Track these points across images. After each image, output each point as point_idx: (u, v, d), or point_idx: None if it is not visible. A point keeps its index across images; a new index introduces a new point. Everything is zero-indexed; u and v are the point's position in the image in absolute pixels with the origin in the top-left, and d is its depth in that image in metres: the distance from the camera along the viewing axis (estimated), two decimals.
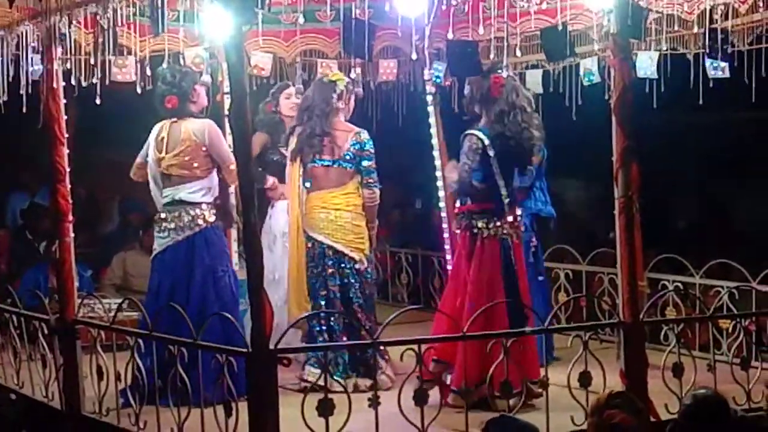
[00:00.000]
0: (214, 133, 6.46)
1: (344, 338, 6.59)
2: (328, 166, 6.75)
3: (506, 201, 6.29)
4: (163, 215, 6.52)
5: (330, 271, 6.67)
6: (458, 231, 6.48)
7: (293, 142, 6.82)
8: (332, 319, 6.62)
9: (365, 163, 6.74)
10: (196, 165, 6.46)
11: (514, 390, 5.64)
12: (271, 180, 7.46)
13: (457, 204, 6.48)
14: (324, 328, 6.63)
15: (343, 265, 6.69)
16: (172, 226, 6.46)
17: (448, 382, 6.10)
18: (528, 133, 6.32)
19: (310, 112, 6.75)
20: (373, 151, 6.77)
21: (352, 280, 6.69)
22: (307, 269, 6.74)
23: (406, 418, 5.17)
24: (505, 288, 6.22)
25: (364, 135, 6.78)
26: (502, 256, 6.27)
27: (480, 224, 6.28)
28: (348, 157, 6.73)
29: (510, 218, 6.31)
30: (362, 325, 6.26)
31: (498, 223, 6.28)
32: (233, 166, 6.24)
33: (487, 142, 6.25)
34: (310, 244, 6.74)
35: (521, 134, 6.29)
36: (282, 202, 7.34)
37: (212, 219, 6.49)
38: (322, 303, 6.65)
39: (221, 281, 6.42)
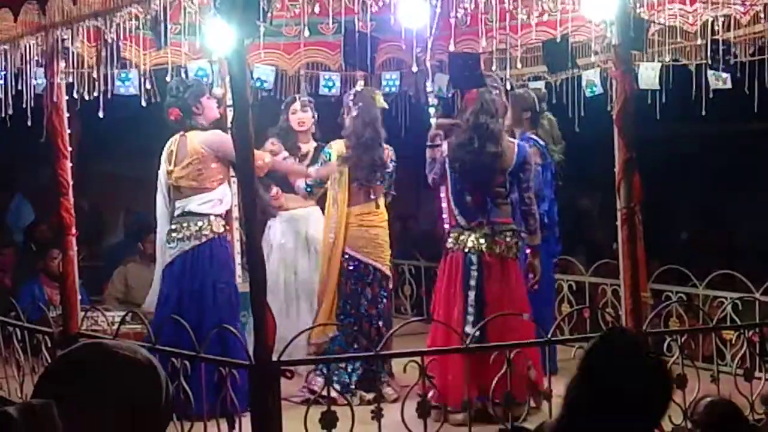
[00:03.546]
0: (217, 139, 6.44)
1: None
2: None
3: (458, 217, 6.27)
4: (173, 227, 6.53)
5: (367, 289, 6.71)
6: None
7: (345, 171, 6.80)
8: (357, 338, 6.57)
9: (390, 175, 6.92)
10: (204, 176, 6.47)
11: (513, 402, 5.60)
12: (275, 189, 7.44)
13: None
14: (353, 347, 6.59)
15: (376, 282, 6.74)
16: (180, 236, 6.47)
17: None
18: (490, 147, 6.23)
19: (371, 141, 6.75)
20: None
21: (380, 297, 6.73)
22: (338, 286, 6.73)
23: (409, 430, 5.16)
24: (463, 301, 6.14)
25: (392, 150, 6.93)
26: (464, 269, 6.19)
27: (450, 239, 6.31)
28: (387, 175, 6.87)
29: (483, 232, 6.21)
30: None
31: (462, 237, 6.25)
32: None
33: (445, 152, 6.31)
34: (349, 264, 6.73)
35: (478, 149, 6.22)
36: (282, 213, 7.36)
37: (220, 230, 6.49)
38: (352, 321, 6.65)
39: (221, 294, 6.40)
